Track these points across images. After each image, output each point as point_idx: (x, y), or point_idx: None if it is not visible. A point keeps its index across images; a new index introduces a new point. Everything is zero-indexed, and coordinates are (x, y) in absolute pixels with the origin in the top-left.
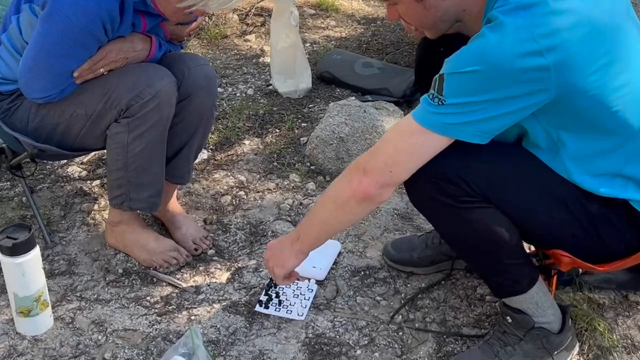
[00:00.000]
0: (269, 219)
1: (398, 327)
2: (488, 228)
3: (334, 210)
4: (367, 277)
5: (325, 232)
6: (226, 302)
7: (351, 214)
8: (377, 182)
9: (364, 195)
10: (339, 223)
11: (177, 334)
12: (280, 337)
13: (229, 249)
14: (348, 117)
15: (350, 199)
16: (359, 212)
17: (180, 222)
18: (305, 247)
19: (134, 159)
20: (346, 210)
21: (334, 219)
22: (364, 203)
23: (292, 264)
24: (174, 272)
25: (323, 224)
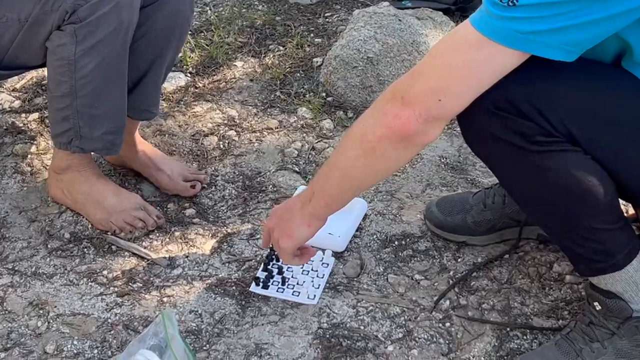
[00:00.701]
0: (268, 169)
1: (444, 315)
2: (572, 180)
3: (361, 156)
4: (402, 249)
5: (349, 188)
6: (211, 279)
7: (384, 161)
8: (421, 116)
9: (403, 133)
10: (367, 175)
11: (144, 320)
12: (283, 326)
13: (214, 208)
14: (379, 30)
15: (383, 140)
16: (395, 158)
17: (160, 162)
18: (320, 209)
19: (84, 82)
20: (377, 155)
21: (360, 169)
22: (402, 145)
23: (303, 234)
24: (140, 238)
25: (345, 177)
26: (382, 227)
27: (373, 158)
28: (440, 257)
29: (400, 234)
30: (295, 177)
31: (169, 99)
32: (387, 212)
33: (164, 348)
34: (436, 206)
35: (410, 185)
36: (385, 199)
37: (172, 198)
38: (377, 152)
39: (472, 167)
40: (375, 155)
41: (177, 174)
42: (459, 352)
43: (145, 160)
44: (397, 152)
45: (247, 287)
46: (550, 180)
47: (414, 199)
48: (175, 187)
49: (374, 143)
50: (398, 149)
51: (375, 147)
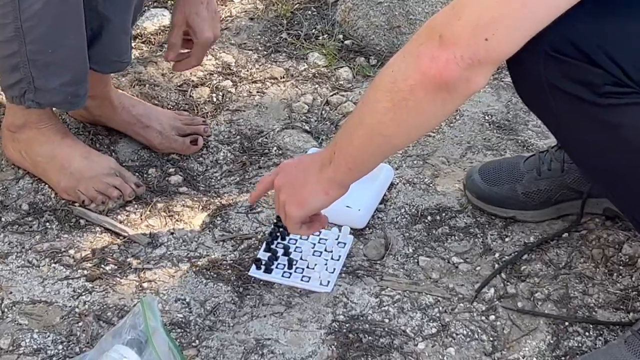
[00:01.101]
0: (272, 128)
1: (488, 306)
2: None
3: (390, 110)
4: (436, 225)
5: (376, 150)
6: (201, 261)
7: (418, 115)
8: (463, 59)
9: (441, 80)
10: (398, 133)
11: (119, 310)
12: (290, 319)
13: (205, 175)
14: None
15: (416, 89)
16: (432, 112)
17: (146, 117)
18: (342, 175)
19: (31, 24)
20: (410, 109)
21: (389, 126)
22: (441, 96)
23: (318, 202)
24: (114, 210)
25: (371, 136)
26: (411, 199)
27: (405, 112)
28: (483, 235)
29: (434, 208)
30: (305, 138)
31: (149, 41)
32: (418, 181)
33: (143, 343)
34: (479, 174)
35: (447, 148)
36: (415, 165)
37: (154, 161)
38: (410, 105)
39: (523, 126)
40: (408, 108)
41: (170, 127)
42: (506, 352)
43: (126, 117)
44: (434, 105)
45: (246, 271)
46: (622, 140)
47: (451, 165)
48: (171, 144)
49: (405, 93)
50: (435, 100)
51: (407, 98)
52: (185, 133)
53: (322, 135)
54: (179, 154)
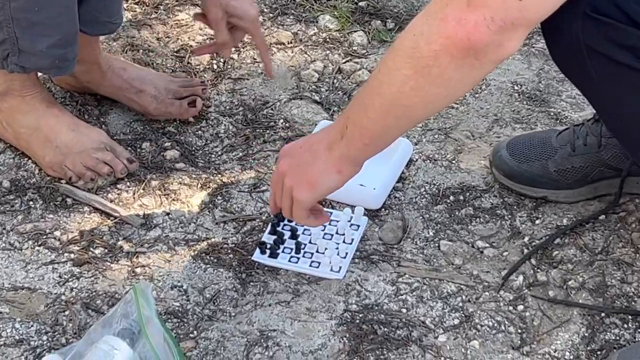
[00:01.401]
0: (278, 98)
1: (516, 295)
2: None
3: (411, 77)
4: (459, 206)
5: (395, 122)
6: (200, 244)
7: (443, 84)
8: (494, 20)
9: (468, 45)
10: (419, 103)
11: (110, 298)
12: (298, 308)
13: (205, 149)
14: None
15: (441, 55)
16: (458, 80)
17: (138, 81)
18: (355, 151)
19: None
20: (433, 77)
21: (410, 96)
22: (468, 62)
23: (330, 182)
24: (104, 188)
25: (390, 107)
26: (432, 177)
27: (428, 80)
28: (511, 217)
29: (457, 187)
30: (314, 109)
31: (143, 2)
32: (440, 157)
33: (136, 334)
34: (507, 149)
35: (472, 121)
36: (437, 139)
37: (148, 135)
38: (433, 72)
39: (556, 96)
40: (431, 76)
41: (165, 90)
42: (536, 345)
43: (117, 82)
44: (461, 72)
45: (249, 256)
46: None
47: (476, 140)
48: (167, 109)
49: (428, 60)
50: (462, 67)
51: (430, 65)
52: (182, 96)
53: (334, 107)
54: (176, 125)
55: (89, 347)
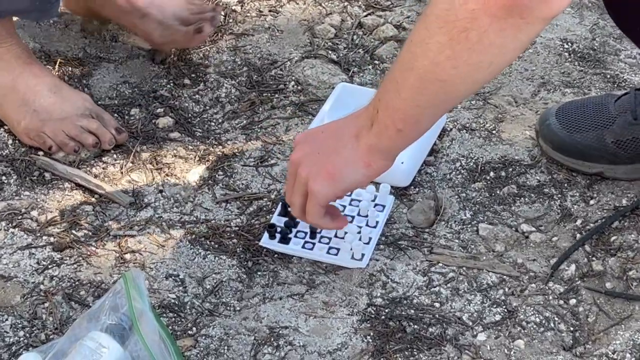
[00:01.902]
0: (289, 57)
1: (568, 288)
2: None
3: (447, 45)
4: (501, 183)
5: (432, 101)
6: (199, 227)
7: (483, 50)
8: None
9: (511, 2)
10: (459, 77)
11: (95, 288)
12: (314, 302)
13: (203, 117)
14: None
15: (479, 16)
16: (501, 45)
17: (144, 4)
18: (388, 138)
19: None
20: (472, 43)
21: (447, 68)
22: (511, 21)
23: (356, 176)
24: (88, 161)
25: (425, 82)
26: (469, 150)
27: (465, 47)
28: (561, 197)
29: (499, 161)
30: (331, 70)
31: None
32: (478, 127)
33: (127, 330)
34: (556, 117)
35: (515, 85)
36: (474, 106)
37: (138, 99)
38: (472, 38)
39: (613, 56)
40: (469, 42)
41: (173, 16)
42: (591, 345)
43: (122, 4)
44: (504, 36)
45: (256, 241)
46: None
47: (520, 106)
48: (172, 36)
49: (465, 22)
50: (504, 29)
51: (467, 28)
52: (189, 22)
53: (353, 67)
54: (169, 89)
55: (73, 345)
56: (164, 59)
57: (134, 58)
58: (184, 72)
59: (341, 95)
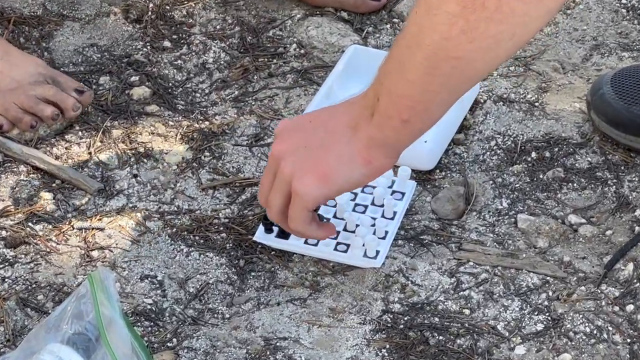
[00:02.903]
0: (290, 14)
1: (624, 291)
2: None
3: (459, 14)
4: (545, 166)
5: (444, 84)
6: (181, 218)
7: (503, 19)
8: None
9: None
10: (473, 53)
11: (56, 291)
12: (318, 309)
13: (186, 87)
14: None
15: None
16: (523, 11)
17: None
18: (391, 130)
19: None
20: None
21: (460, 42)
22: None
23: (353, 173)
24: (47, 139)
25: (436, 60)
26: (507, 125)
27: (482, 16)
28: (617, 182)
29: (542, 139)
30: (340, 29)
31: None
32: (518, 98)
33: (93, 342)
34: (611, 86)
35: (562, 47)
36: (513, 73)
37: (108, 65)
38: (489, 5)
39: None
40: (486, 9)
41: None
42: None
43: None
44: (526, 1)
45: (250, 235)
46: None
47: (567, 73)
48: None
49: None
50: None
51: None
52: None
53: (368, 26)
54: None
55: (28, 359)
56: (140, 17)
57: (103, 16)
58: (163, 32)
59: (353, 60)
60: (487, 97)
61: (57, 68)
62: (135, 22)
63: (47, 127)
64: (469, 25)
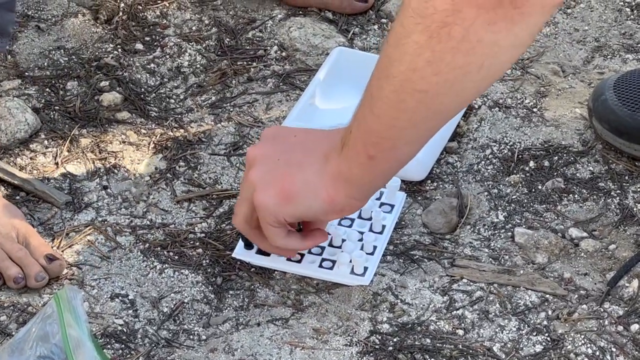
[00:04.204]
0: (271, 14)
1: (629, 310)
2: None
3: (425, 45)
4: (544, 176)
5: (410, 120)
6: (153, 232)
7: (471, 51)
8: None
9: None
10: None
11: (20, 311)
12: (301, 330)
13: (159, 92)
14: None
15: (463, 5)
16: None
17: None
18: (357, 166)
19: None
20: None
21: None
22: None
23: (313, 204)
24: (10, 148)
25: (402, 92)
26: (503, 133)
27: (448, 47)
28: (621, 193)
29: (541, 146)
30: (325, 30)
31: None
32: (515, 103)
33: None
34: (614, 91)
35: (562, 49)
36: (510, 76)
37: (76, 69)
38: (455, 35)
39: None
40: (452, 40)
41: None
42: None
43: None
44: (495, 30)
45: (229, 251)
46: None
47: (568, 77)
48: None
49: (446, 15)
50: (494, 23)
51: (449, 22)
52: None
53: (354, 27)
54: (117, 56)
55: None
56: (110, 17)
57: (71, 16)
58: (135, 34)
59: (338, 64)
60: (482, 103)
61: (21, 72)
62: (105, 23)
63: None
64: (435, 56)
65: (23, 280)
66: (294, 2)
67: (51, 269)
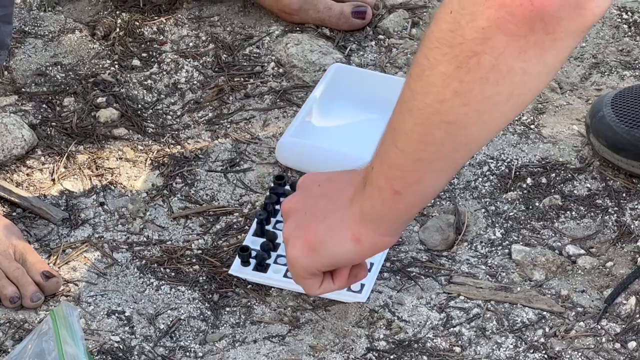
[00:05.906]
0: (268, 30)
1: (626, 327)
2: None
3: (453, 75)
4: (541, 193)
5: (437, 153)
6: (150, 249)
7: (501, 80)
8: None
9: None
10: (470, 116)
11: (16, 328)
12: (298, 347)
13: (157, 108)
14: None
15: (493, 33)
16: (523, 69)
17: None
18: (382, 204)
19: None
20: (484, 69)
21: (454, 106)
22: (534, 38)
23: (341, 250)
24: (7, 164)
25: (428, 126)
26: (500, 150)
27: (477, 77)
28: (618, 210)
29: (539, 163)
30: (322, 47)
31: None
32: (513, 120)
33: None
34: (612, 108)
35: (568, 70)
36: None
37: (73, 85)
38: (485, 64)
39: None
40: (482, 70)
41: None
42: None
43: None
44: (526, 58)
45: (225, 268)
46: None
47: (565, 94)
48: None
49: (475, 44)
50: (526, 49)
51: (478, 52)
52: None
53: (352, 43)
54: (113, 72)
55: None
56: (107, 34)
57: (68, 32)
58: (132, 50)
59: (335, 80)
60: None
61: (18, 88)
62: (102, 40)
63: None
64: (463, 87)
65: (19, 300)
66: (291, 18)
67: (47, 286)
